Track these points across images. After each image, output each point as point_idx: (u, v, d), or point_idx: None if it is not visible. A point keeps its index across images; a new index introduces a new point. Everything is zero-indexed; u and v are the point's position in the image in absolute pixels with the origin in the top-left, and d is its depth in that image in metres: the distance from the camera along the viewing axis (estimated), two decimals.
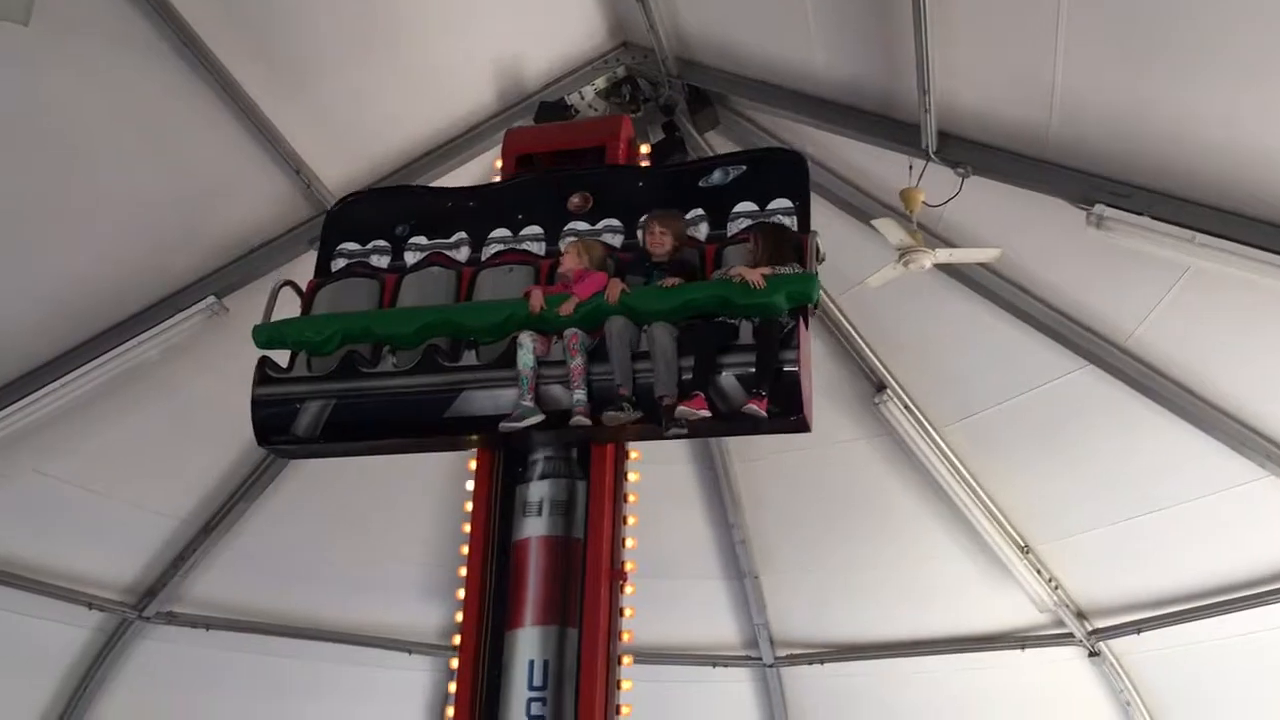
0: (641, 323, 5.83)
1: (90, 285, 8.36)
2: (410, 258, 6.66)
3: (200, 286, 8.75)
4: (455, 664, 5.94)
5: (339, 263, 6.74)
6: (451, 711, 5.84)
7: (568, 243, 6.39)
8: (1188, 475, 9.03)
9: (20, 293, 8.13)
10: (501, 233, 6.64)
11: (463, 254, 6.63)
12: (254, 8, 7.69)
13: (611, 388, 5.73)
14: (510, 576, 5.96)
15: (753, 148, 8.33)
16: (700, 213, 6.47)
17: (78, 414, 8.81)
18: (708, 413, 5.56)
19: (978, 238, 8.50)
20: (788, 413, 5.64)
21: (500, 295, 6.29)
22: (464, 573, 6.07)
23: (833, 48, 8.00)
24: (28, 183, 7.63)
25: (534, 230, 6.60)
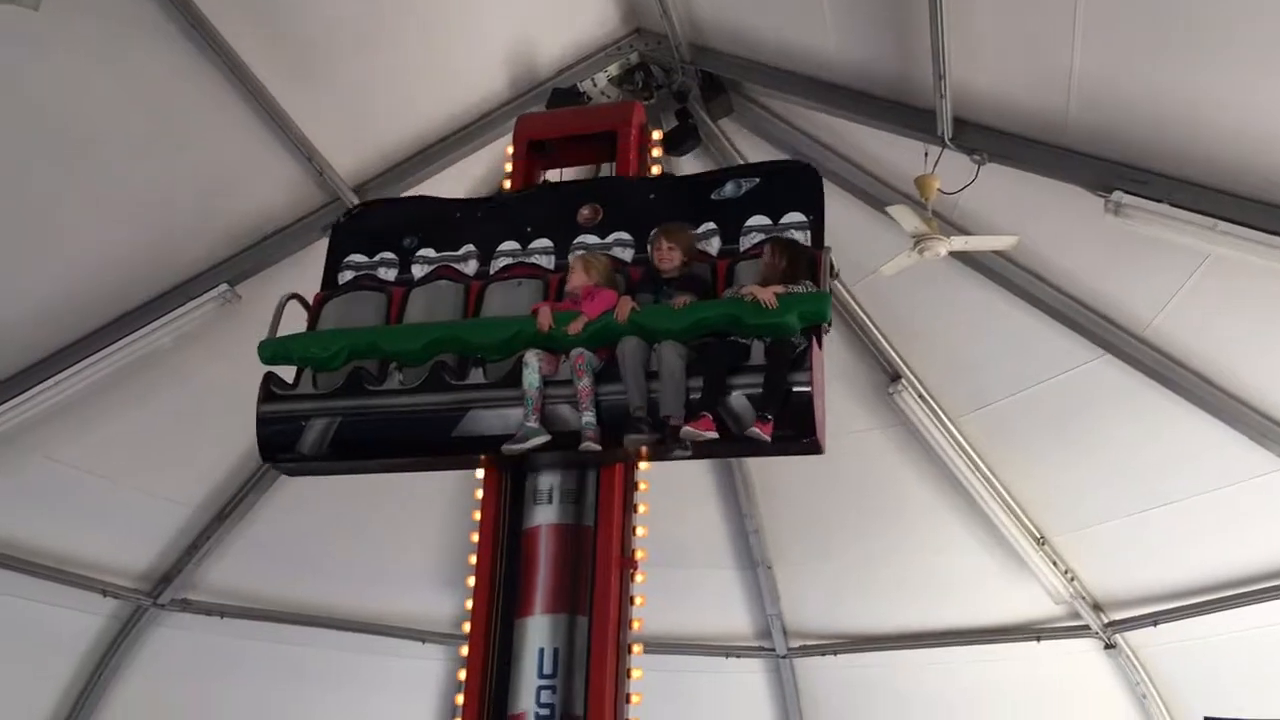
0: (651, 341, 5.69)
1: (102, 273, 8.35)
2: (418, 270, 6.55)
3: (212, 274, 8.75)
4: (465, 651, 5.92)
5: (346, 275, 6.64)
6: (461, 699, 5.83)
7: (573, 258, 6.24)
8: (1206, 466, 8.94)
9: (32, 281, 8.14)
10: (510, 245, 6.51)
11: (471, 267, 6.52)
12: None
13: (620, 408, 5.60)
14: (520, 564, 5.91)
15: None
16: (712, 226, 6.33)
17: (90, 401, 8.84)
18: (715, 434, 5.45)
19: (993, 225, 8.42)
20: (800, 435, 5.53)
21: (509, 309, 6.18)
22: (474, 560, 6.04)
23: (847, 33, 7.94)
24: (36, 169, 7.62)
25: (543, 243, 6.47)
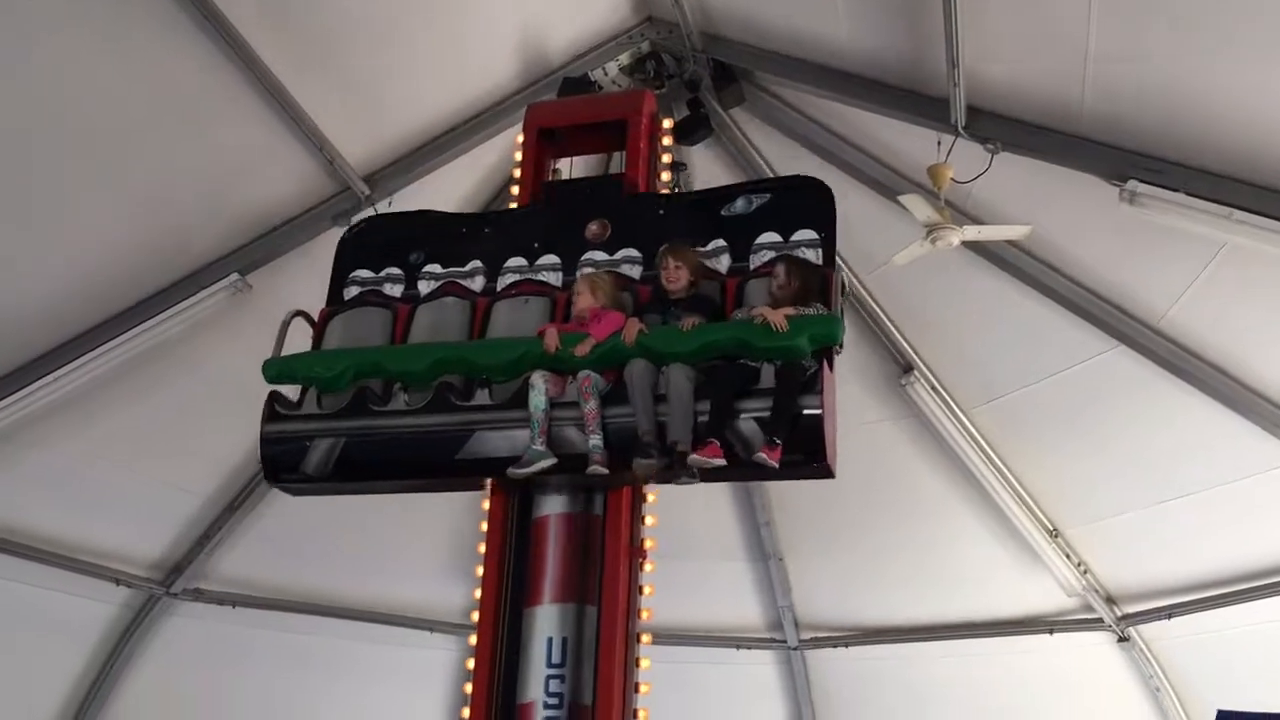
0: (660, 364, 5.60)
1: (112, 262, 8.34)
2: (424, 287, 6.46)
3: (223, 264, 8.74)
4: (474, 640, 5.91)
5: (352, 290, 6.57)
6: (470, 688, 5.82)
7: (578, 280, 6.13)
8: (1220, 458, 8.86)
9: (42, 270, 8.14)
10: (517, 261, 6.42)
11: (477, 284, 6.42)
12: None
13: (628, 431, 5.51)
14: (529, 553, 5.89)
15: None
16: (722, 243, 6.22)
17: (102, 391, 8.85)
18: (723, 461, 5.36)
19: (1007, 214, 8.35)
20: (809, 459, 5.45)
21: (516, 326, 6.11)
22: (483, 549, 6.03)
23: (859, 20, 7.88)
24: (45, 159, 7.61)
25: (550, 260, 6.38)
